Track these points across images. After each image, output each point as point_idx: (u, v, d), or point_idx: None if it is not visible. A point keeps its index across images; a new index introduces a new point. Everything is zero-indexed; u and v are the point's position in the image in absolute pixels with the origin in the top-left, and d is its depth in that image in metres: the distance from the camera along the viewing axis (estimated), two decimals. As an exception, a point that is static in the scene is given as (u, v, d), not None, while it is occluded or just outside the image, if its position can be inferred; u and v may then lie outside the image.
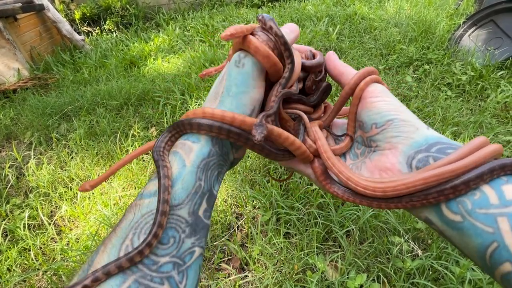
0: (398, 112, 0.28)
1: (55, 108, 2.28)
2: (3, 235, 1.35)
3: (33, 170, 1.68)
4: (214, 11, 4.06)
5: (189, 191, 0.25)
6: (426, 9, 3.05)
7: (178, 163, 0.25)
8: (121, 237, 0.23)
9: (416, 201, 0.24)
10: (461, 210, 0.22)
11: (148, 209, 0.24)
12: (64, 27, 3.35)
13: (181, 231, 0.24)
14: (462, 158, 0.23)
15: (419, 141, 0.26)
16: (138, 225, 0.23)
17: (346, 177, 0.28)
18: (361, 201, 0.28)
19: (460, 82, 2.05)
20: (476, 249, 0.21)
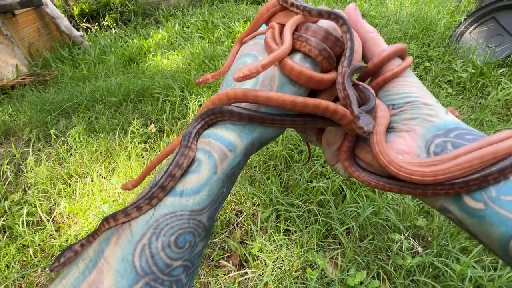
0: (419, 94, 0.27)
1: (54, 104, 2.26)
2: (2, 232, 1.34)
3: (32, 167, 1.67)
4: (213, 8, 4.04)
5: (213, 198, 0.24)
6: (427, 6, 3.04)
7: (210, 168, 0.24)
8: (138, 234, 0.21)
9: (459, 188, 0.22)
10: (484, 197, 0.21)
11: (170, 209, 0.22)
12: (63, 23, 3.32)
13: (198, 235, 0.23)
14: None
15: (438, 125, 0.25)
16: (158, 224, 0.22)
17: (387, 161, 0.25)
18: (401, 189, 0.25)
19: (460, 80, 2.04)
20: (498, 239, 0.20)
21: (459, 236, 1.08)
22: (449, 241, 1.07)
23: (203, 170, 0.24)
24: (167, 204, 0.23)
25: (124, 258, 0.21)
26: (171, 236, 0.22)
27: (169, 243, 0.22)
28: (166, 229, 0.22)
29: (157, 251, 0.21)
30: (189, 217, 0.23)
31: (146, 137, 1.84)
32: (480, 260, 1.02)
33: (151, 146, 1.77)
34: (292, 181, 1.38)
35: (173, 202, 0.23)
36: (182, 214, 0.22)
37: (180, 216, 0.22)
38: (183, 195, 0.23)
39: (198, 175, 0.24)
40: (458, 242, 1.06)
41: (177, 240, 0.22)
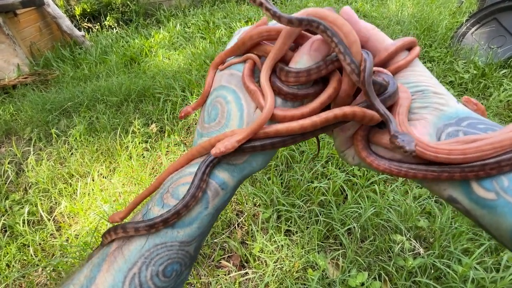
0: (429, 83, 0.27)
1: (55, 104, 2.27)
2: (3, 231, 1.34)
3: (33, 166, 1.67)
4: (215, 8, 4.04)
5: (202, 231, 0.25)
6: (428, 7, 3.04)
7: (202, 204, 0.25)
8: (129, 262, 0.22)
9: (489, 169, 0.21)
10: (496, 187, 0.20)
11: (162, 240, 0.23)
12: (64, 23, 3.33)
13: (184, 264, 0.25)
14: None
15: (449, 114, 0.25)
16: (150, 254, 0.23)
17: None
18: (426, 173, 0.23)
19: (462, 80, 2.04)
20: (509, 230, 0.20)
21: (461, 238, 1.08)
22: (451, 242, 1.06)
23: (196, 206, 0.25)
24: (159, 234, 0.24)
25: (114, 285, 0.21)
26: (160, 266, 0.23)
27: (158, 272, 0.22)
28: (156, 258, 0.23)
29: (146, 280, 0.22)
30: (178, 248, 0.24)
31: (147, 137, 1.84)
32: (482, 261, 1.02)
33: (152, 146, 1.76)
34: (293, 182, 1.38)
35: (166, 233, 0.24)
36: (172, 245, 0.23)
37: (170, 247, 0.23)
38: (175, 227, 0.24)
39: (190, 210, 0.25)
40: (460, 244, 1.06)
41: (165, 269, 0.23)
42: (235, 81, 0.29)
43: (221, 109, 0.29)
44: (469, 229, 1.10)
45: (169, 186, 0.26)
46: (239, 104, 0.28)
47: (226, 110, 0.28)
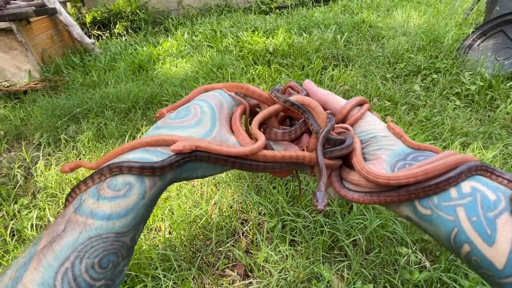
0: (378, 130, 0.34)
1: (64, 110, 2.31)
2: (11, 235, 1.36)
3: (42, 171, 1.70)
4: (222, 17, 4.11)
5: (138, 221, 0.26)
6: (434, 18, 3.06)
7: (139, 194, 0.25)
8: (61, 258, 0.21)
9: (413, 193, 0.28)
10: (430, 205, 0.27)
11: (96, 233, 0.23)
12: (75, 31, 3.41)
13: (121, 255, 0.25)
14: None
15: (398, 151, 0.32)
16: (83, 247, 0.22)
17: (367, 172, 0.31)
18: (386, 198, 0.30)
19: (469, 92, 2.04)
20: (444, 236, 0.26)
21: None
22: (458, 256, 1.05)
23: (132, 195, 0.25)
24: (93, 227, 0.23)
25: (44, 282, 0.20)
26: (96, 258, 0.22)
27: (93, 264, 0.22)
28: (91, 251, 0.22)
29: (81, 273, 0.22)
30: (114, 239, 0.24)
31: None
32: (490, 276, 1.00)
33: (159, 153, 1.78)
34: (298, 192, 1.38)
35: (101, 225, 0.23)
36: (107, 236, 0.23)
37: (106, 239, 0.23)
38: (111, 219, 0.24)
39: (127, 199, 0.25)
40: (467, 258, 1.05)
41: (101, 261, 0.23)
42: (215, 101, 0.34)
43: (194, 112, 0.32)
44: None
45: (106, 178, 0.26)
46: (213, 120, 0.32)
47: (199, 116, 0.32)
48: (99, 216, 0.23)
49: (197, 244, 1.27)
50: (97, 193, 0.25)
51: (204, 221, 1.33)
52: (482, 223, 0.23)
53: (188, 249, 1.24)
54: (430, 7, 3.59)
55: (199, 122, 0.31)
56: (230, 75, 2.47)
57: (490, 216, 0.23)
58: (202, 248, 1.25)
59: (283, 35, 3.05)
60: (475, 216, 0.24)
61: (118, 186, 0.25)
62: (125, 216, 0.24)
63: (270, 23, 3.51)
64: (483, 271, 0.24)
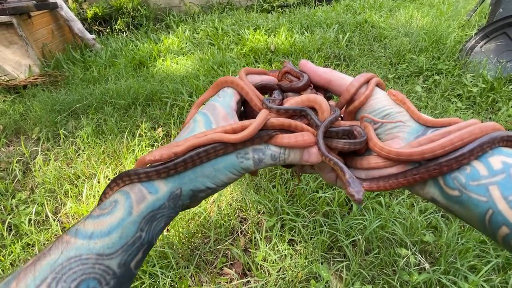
0: (391, 106, 0.31)
1: (64, 105, 2.30)
2: (8, 230, 1.35)
3: (40, 166, 1.69)
4: (224, 15, 4.09)
5: (126, 241, 0.23)
6: (437, 19, 3.04)
7: (125, 208, 0.23)
8: (38, 279, 0.20)
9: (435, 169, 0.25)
10: (457, 185, 0.24)
11: (77, 253, 0.21)
12: (76, 26, 3.39)
13: (105, 283, 0.21)
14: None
15: (416, 128, 0.29)
16: (61, 269, 0.20)
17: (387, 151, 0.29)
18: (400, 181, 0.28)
19: (470, 94, 2.03)
20: (477, 219, 0.23)
21: (467, 254, 1.06)
22: (458, 258, 1.05)
23: (117, 211, 0.23)
24: (74, 247, 0.21)
25: None
26: (72, 282, 0.20)
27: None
28: (69, 274, 0.20)
29: None
30: (95, 261, 0.21)
31: (153, 141, 1.85)
32: (489, 279, 1.00)
33: (158, 150, 1.77)
34: (298, 191, 1.37)
35: (81, 244, 0.21)
36: (87, 258, 0.21)
37: (85, 260, 0.21)
38: (92, 237, 0.22)
39: (111, 216, 0.23)
40: (467, 260, 1.04)
41: (78, 286, 0.20)
42: (207, 107, 0.33)
43: (187, 126, 0.31)
44: (476, 246, 1.09)
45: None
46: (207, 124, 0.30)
47: (191, 127, 0.30)
48: (81, 235, 0.22)
49: (195, 242, 1.26)
50: (89, 215, 0.24)
51: (202, 219, 1.32)
52: None
53: (186, 247, 1.23)
54: (433, 8, 3.58)
55: (191, 131, 0.30)
56: (231, 73, 2.46)
57: None
58: (200, 246, 1.25)
59: (285, 34, 3.04)
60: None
61: (105, 205, 0.24)
62: (108, 235, 0.22)
63: (272, 22, 3.50)
64: None
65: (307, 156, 0.30)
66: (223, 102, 0.33)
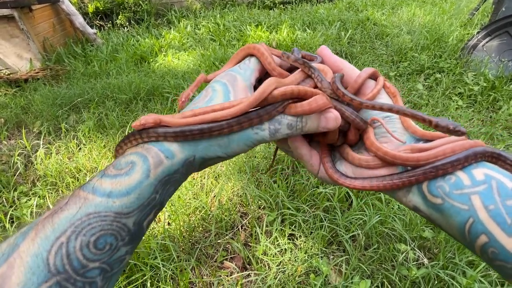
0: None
1: (65, 99, 2.30)
2: (10, 222, 1.36)
3: (42, 159, 1.70)
4: (225, 11, 4.08)
5: (142, 202, 0.24)
6: (439, 17, 3.04)
7: (143, 171, 0.24)
8: (58, 231, 0.21)
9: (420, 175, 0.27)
10: (441, 193, 0.25)
11: (96, 209, 0.22)
12: (77, 20, 3.38)
13: (121, 239, 0.23)
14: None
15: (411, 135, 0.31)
16: (80, 223, 0.21)
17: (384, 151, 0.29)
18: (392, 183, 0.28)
19: (472, 93, 2.03)
20: (457, 227, 0.24)
21: (466, 250, 1.07)
22: (456, 254, 1.06)
23: (135, 173, 0.24)
24: (93, 203, 0.22)
25: (38, 254, 0.20)
26: (91, 237, 0.21)
27: (88, 243, 0.21)
28: (88, 228, 0.21)
29: (74, 250, 0.21)
30: (113, 219, 0.22)
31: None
32: (487, 274, 1.01)
33: (159, 145, 1.78)
34: (298, 186, 1.38)
35: (100, 202, 0.22)
36: (106, 215, 0.22)
37: (104, 217, 0.22)
38: (111, 196, 0.23)
39: (129, 177, 0.24)
40: (465, 256, 1.05)
41: (97, 241, 0.21)
42: (227, 78, 0.31)
43: (205, 94, 0.30)
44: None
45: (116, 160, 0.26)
46: (226, 94, 0.30)
47: (209, 95, 0.30)
48: (99, 193, 0.23)
49: (196, 236, 1.27)
50: (103, 172, 0.24)
51: (203, 213, 1.33)
52: (501, 212, 0.22)
53: (187, 241, 1.24)
54: (435, 6, 3.57)
55: (210, 101, 0.29)
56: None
57: (510, 204, 0.22)
58: (201, 239, 1.26)
59: (287, 31, 3.03)
60: (493, 204, 0.22)
61: (121, 165, 0.24)
62: (127, 195, 0.23)
63: (274, 18, 3.49)
64: (501, 264, 0.22)
65: (324, 122, 0.29)
66: (244, 75, 0.32)
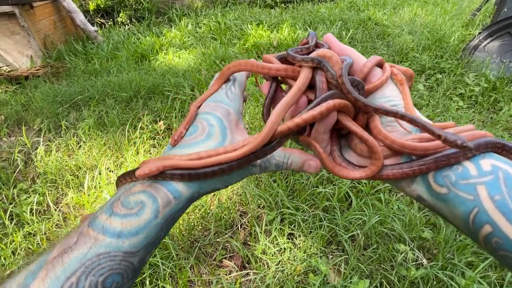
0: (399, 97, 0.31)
1: (66, 96, 2.30)
2: (9, 219, 1.36)
3: (42, 156, 1.70)
4: (227, 9, 4.07)
5: (148, 241, 0.25)
6: (441, 17, 3.03)
7: (152, 212, 0.25)
8: (68, 271, 0.22)
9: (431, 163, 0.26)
10: (447, 182, 0.25)
11: (106, 250, 0.23)
12: (78, 18, 3.38)
13: (126, 276, 0.24)
14: None
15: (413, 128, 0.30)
16: (90, 263, 0.22)
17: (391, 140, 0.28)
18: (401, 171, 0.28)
19: (472, 93, 2.03)
20: (461, 217, 0.24)
21: (465, 251, 1.07)
22: (456, 254, 1.06)
23: (144, 214, 0.24)
24: (103, 244, 0.23)
25: None
26: (100, 277, 0.22)
27: (97, 283, 0.22)
28: (97, 269, 0.22)
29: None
30: (122, 258, 0.23)
31: (155, 133, 1.86)
32: (486, 276, 1.01)
33: (159, 143, 1.78)
34: (298, 185, 1.38)
35: (110, 242, 0.23)
36: (116, 255, 0.23)
37: (113, 257, 0.23)
38: (121, 236, 0.23)
39: (139, 218, 0.24)
40: (464, 256, 1.05)
41: (105, 280, 0.22)
42: (221, 111, 0.32)
43: (201, 128, 0.30)
44: (474, 243, 1.10)
45: (121, 194, 0.26)
46: (223, 131, 0.30)
47: (207, 130, 0.30)
48: (109, 233, 0.23)
49: (195, 234, 1.27)
50: (111, 209, 0.25)
51: (203, 211, 1.33)
52: (507, 202, 0.22)
53: (186, 239, 1.24)
54: (437, 6, 3.56)
55: (209, 136, 0.29)
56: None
57: None
58: (200, 238, 1.26)
59: (288, 30, 3.03)
60: (499, 195, 0.22)
61: (130, 205, 0.25)
62: (136, 235, 0.24)
63: (275, 17, 3.48)
64: (504, 254, 0.22)
65: (306, 167, 0.32)
66: (235, 107, 0.33)
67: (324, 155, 0.31)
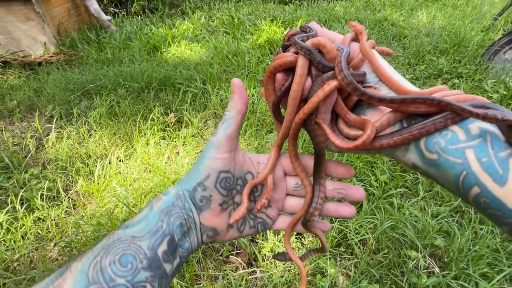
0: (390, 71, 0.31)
1: (78, 84, 2.31)
2: (20, 203, 1.37)
3: (53, 143, 1.70)
4: (240, 4, 4.04)
5: (151, 228, 0.30)
6: (461, 21, 2.96)
7: (148, 207, 0.32)
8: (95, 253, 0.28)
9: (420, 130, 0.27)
10: (437, 148, 0.26)
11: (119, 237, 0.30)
12: (92, 6, 3.38)
13: (139, 260, 0.28)
14: None
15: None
16: (108, 246, 0.28)
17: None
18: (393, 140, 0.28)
19: (490, 100, 1.97)
20: (452, 180, 0.25)
21: (480, 261, 1.04)
22: (470, 264, 1.03)
23: (143, 210, 0.32)
24: (117, 234, 0.30)
25: (82, 269, 0.27)
26: (116, 256, 0.28)
27: (115, 260, 0.27)
28: (113, 250, 0.28)
29: (105, 266, 0.27)
30: (130, 241, 0.29)
31: (165, 126, 1.85)
32: (501, 288, 0.98)
33: (169, 135, 1.77)
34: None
35: (121, 232, 0.30)
36: (125, 239, 0.29)
37: (124, 241, 0.29)
38: (128, 227, 0.30)
39: (140, 213, 0.32)
40: (479, 268, 1.02)
41: (121, 258, 0.28)
42: None
43: None
44: (489, 254, 1.07)
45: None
46: None
47: None
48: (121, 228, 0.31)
49: (203, 229, 1.27)
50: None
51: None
52: (493, 163, 0.23)
53: (194, 233, 1.24)
54: (456, 9, 3.47)
55: None
56: (246, 64, 2.43)
57: (502, 156, 0.23)
58: (208, 233, 1.25)
59: (302, 27, 2.98)
60: (486, 157, 0.23)
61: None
62: (138, 224, 0.30)
63: (289, 14, 3.44)
64: (492, 212, 0.23)
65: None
66: None
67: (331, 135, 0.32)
